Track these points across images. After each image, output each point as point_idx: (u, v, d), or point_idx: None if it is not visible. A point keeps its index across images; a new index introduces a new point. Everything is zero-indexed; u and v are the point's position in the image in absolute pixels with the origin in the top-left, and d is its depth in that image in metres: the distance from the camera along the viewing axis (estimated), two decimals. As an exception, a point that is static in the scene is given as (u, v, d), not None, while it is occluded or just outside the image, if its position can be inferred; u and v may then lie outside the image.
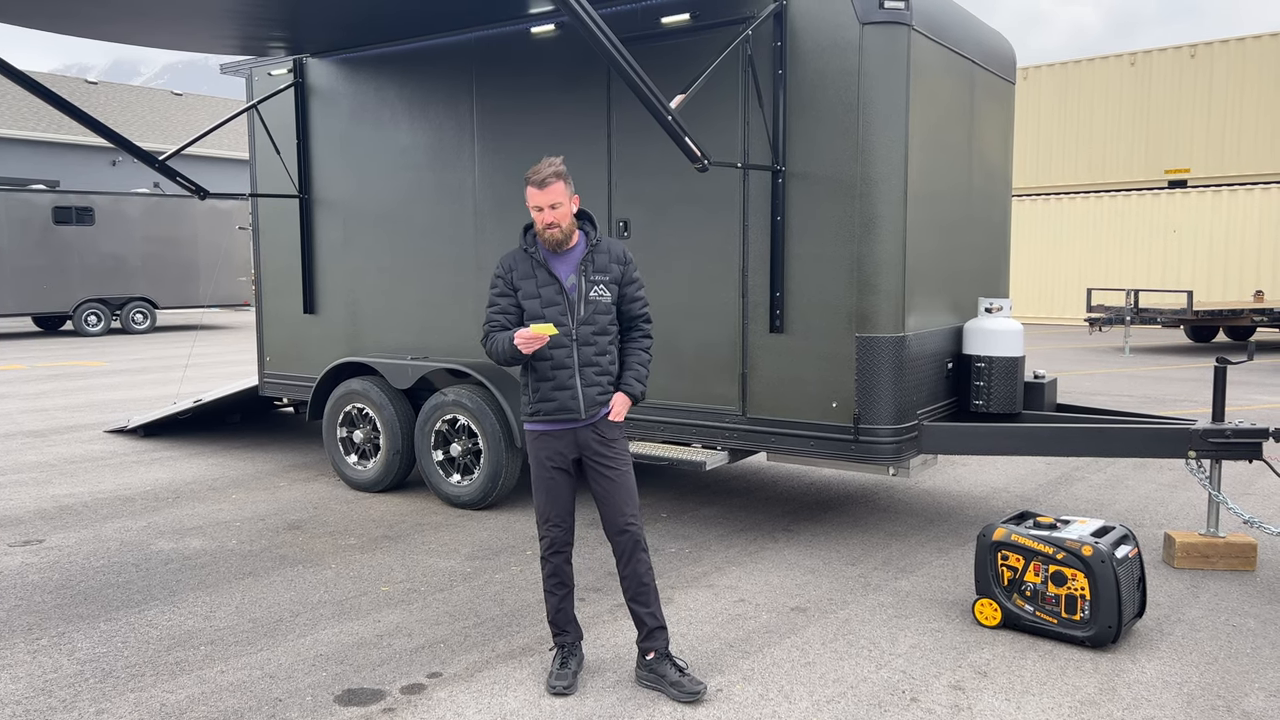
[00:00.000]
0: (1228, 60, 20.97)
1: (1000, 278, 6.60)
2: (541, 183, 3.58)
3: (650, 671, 3.69)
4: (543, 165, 3.61)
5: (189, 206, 22.13)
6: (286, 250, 7.55)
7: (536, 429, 3.74)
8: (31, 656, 4.03)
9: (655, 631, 3.70)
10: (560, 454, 3.71)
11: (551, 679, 3.69)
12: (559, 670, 3.73)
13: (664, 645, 3.70)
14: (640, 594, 3.70)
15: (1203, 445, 5.00)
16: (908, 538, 5.67)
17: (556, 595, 3.79)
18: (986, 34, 6.13)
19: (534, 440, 3.75)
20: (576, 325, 3.63)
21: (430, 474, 6.43)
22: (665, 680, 3.64)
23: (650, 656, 3.70)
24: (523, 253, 3.72)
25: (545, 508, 3.75)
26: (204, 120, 34.78)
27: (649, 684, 3.69)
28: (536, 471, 3.76)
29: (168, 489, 6.91)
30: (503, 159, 6.31)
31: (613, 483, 3.71)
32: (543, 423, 3.71)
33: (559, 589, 3.79)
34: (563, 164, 3.63)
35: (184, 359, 15.38)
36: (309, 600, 4.66)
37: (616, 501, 3.71)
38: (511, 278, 3.70)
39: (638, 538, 3.69)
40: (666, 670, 3.66)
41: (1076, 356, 15.68)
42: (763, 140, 5.26)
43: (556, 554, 3.77)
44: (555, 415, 3.67)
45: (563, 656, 3.78)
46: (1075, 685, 3.73)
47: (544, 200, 3.59)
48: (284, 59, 7.31)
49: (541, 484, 3.75)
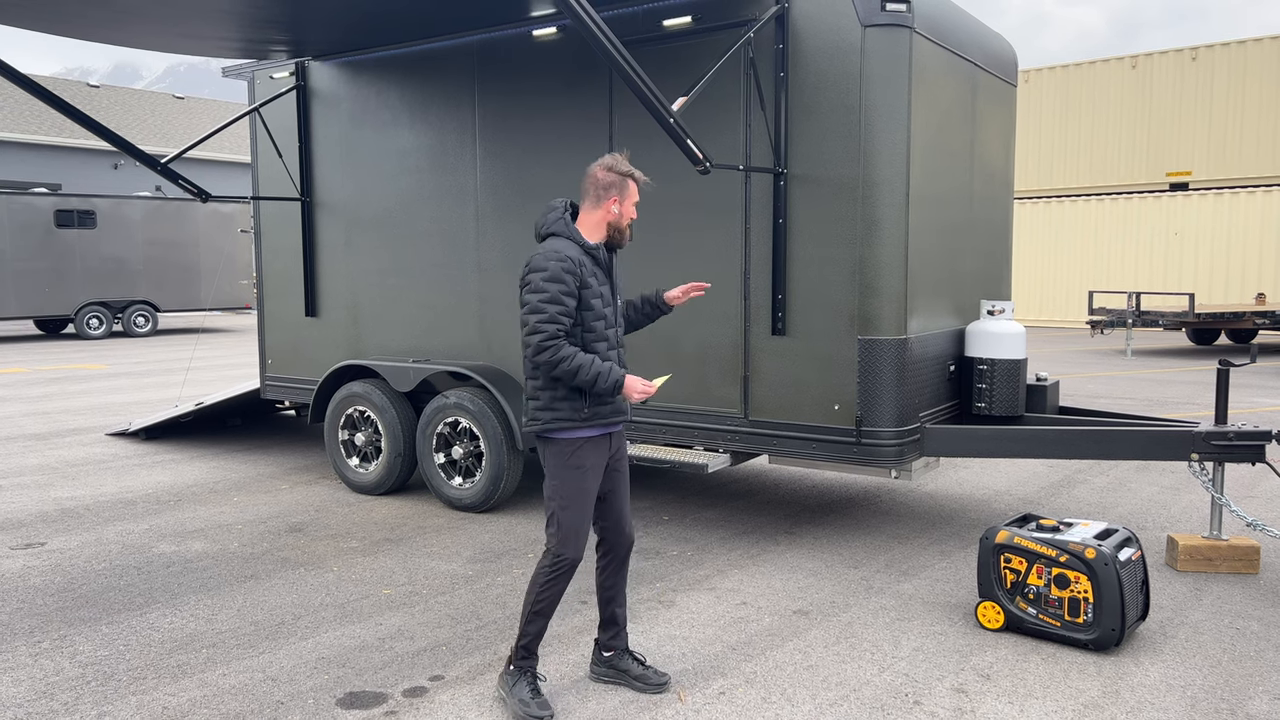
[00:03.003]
0: (1229, 63, 20.96)
1: (1002, 280, 6.60)
2: (641, 184, 3.53)
3: (610, 668, 3.74)
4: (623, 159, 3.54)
5: (191, 210, 22.17)
6: (288, 253, 7.56)
7: (590, 434, 3.48)
8: (33, 659, 4.02)
9: (624, 630, 3.76)
10: (605, 458, 3.54)
11: (531, 707, 3.42)
12: (536, 697, 3.47)
13: (626, 642, 3.78)
14: (621, 596, 3.73)
15: (1205, 448, 4.99)
16: (910, 540, 5.66)
17: (546, 619, 3.52)
18: (988, 36, 6.13)
19: (583, 447, 3.46)
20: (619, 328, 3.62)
21: (432, 477, 6.43)
22: (628, 675, 3.70)
23: (610, 654, 3.74)
24: (578, 247, 3.46)
25: (580, 523, 3.46)
26: (206, 123, 34.84)
27: (609, 679, 3.74)
28: (581, 483, 3.46)
29: (169, 492, 6.91)
30: (504, 162, 6.31)
31: (623, 480, 3.68)
32: (598, 427, 3.48)
33: (551, 613, 3.52)
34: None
35: (185, 362, 15.39)
36: (311, 603, 4.66)
37: (625, 500, 3.68)
38: (582, 274, 3.41)
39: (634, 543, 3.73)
40: (629, 665, 3.72)
41: (1078, 359, 15.67)
42: (764, 143, 5.26)
43: (569, 573, 3.50)
44: (612, 418, 3.50)
45: (531, 682, 3.51)
46: (1079, 688, 3.72)
47: (637, 198, 3.54)
48: (286, 62, 7.32)
49: (584, 496, 3.46)
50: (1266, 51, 20.56)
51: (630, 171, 3.55)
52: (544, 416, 3.46)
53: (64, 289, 20.47)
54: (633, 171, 3.56)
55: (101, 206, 20.96)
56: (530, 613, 3.50)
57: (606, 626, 3.74)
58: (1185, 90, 21.54)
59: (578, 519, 3.46)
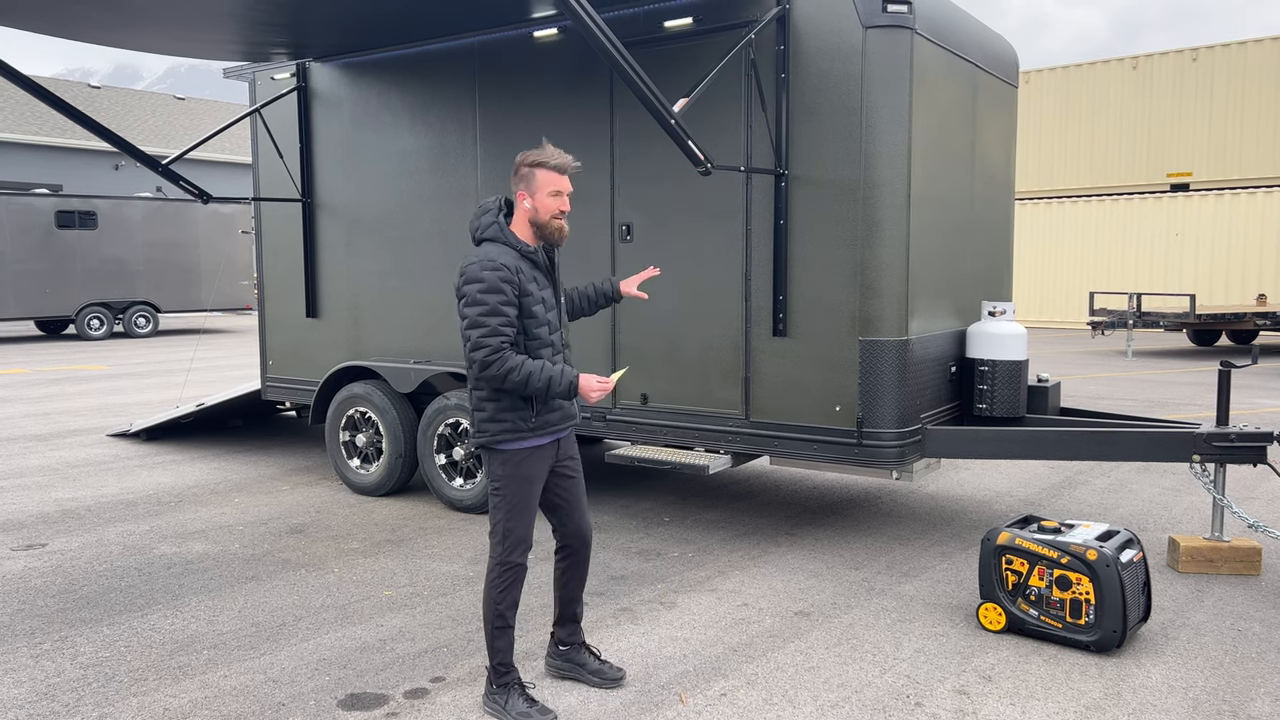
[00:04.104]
0: (1229, 64, 20.97)
1: (1003, 281, 6.60)
2: (565, 169, 3.31)
3: (567, 661, 3.75)
4: (552, 149, 3.33)
5: (191, 211, 22.19)
6: (289, 254, 7.56)
7: (534, 444, 3.40)
8: (34, 660, 4.02)
9: (580, 627, 3.77)
10: (549, 464, 3.49)
11: (535, 716, 3.37)
12: (532, 705, 3.41)
13: (582, 636, 3.79)
14: (580, 592, 3.73)
15: (1207, 449, 4.99)
16: (911, 542, 5.66)
17: (511, 628, 3.44)
18: (989, 37, 6.14)
19: (527, 458, 3.39)
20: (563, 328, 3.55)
21: (433, 478, 6.43)
22: (584, 669, 3.72)
23: (566, 648, 3.75)
24: (516, 253, 3.32)
25: (525, 530, 3.41)
26: (206, 125, 34.86)
27: (565, 673, 3.75)
28: (522, 491, 3.39)
29: (170, 493, 6.91)
30: (505, 163, 6.31)
31: (577, 484, 3.64)
32: (544, 435, 3.43)
33: (513, 619, 3.44)
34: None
35: (186, 363, 15.39)
36: (312, 604, 4.66)
37: (582, 504, 3.65)
38: (520, 280, 3.26)
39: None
40: (585, 659, 3.74)
41: (1079, 360, 15.67)
42: (766, 144, 5.26)
43: (519, 577, 3.43)
44: (561, 424, 3.46)
45: (523, 694, 3.45)
46: (1080, 690, 3.72)
47: (565, 187, 3.33)
48: (287, 63, 7.32)
49: (525, 505, 3.40)
50: (1267, 52, 20.56)
51: (539, 160, 3.29)
52: (491, 429, 3.35)
53: (65, 290, 20.49)
54: (543, 159, 3.29)
55: (102, 207, 20.98)
56: (493, 628, 3.42)
57: (565, 624, 3.76)
58: (1186, 91, 21.54)
59: (523, 526, 3.41)
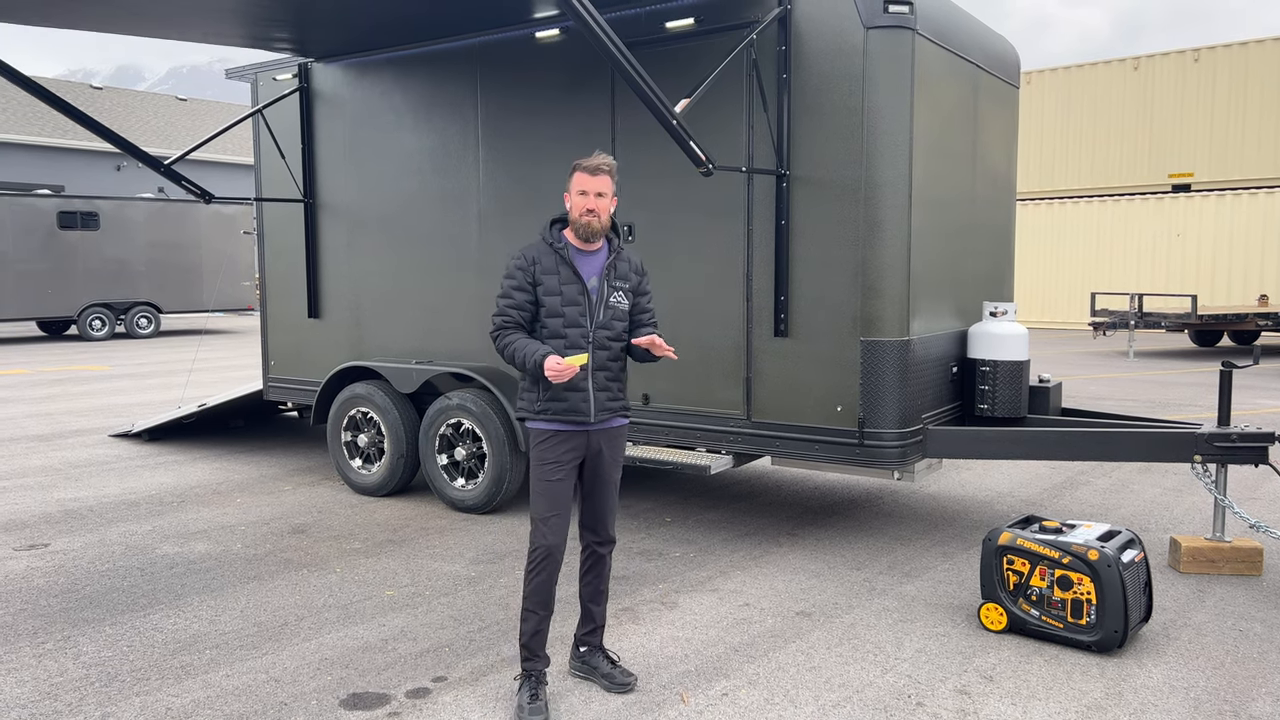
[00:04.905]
0: (1231, 64, 20.95)
1: (1004, 282, 6.60)
2: (594, 169, 3.52)
3: (584, 663, 3.83)
4: (596, 154, 3.58)
5: (193, 211, 22.21)
6: (291, 255, 7.57)
7: (547, 428, 3.57)
8: (37, 660, 4.03)
9: (600, 629, 3.84)
10: (571, 455, 3.59)
11: (524, 713, 3.43)
12: (530, 703, 3.46)
13: (600, 640, 3.85)
14: (601, 596, 3.82)
15: (1208, 449, 4.98)
16: (912, 542, 5.66)
17: (537, 615, 3.56)
18: (990, 38, 6.14)
19: (543, 440, 3.57)
20: (594, 329, 3.58)
21: (434, 478, 6.44)
22: (598, 672, 3.78)
23: (584, 649, 3.83)
24: (547, 247, 3.60)
25: (545, 511, 3.54)
26: (208, 125, 34.88)
27: (581, 675, 3.83)
28: (540, 473, 3.57)
29: (172, 493, 6.92)
30: (506, 164, 6.32)
31: (610, 488, 3.72)
32: (552, 421, 3.57)
33: (541, 608, 3.56)
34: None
35: (188, 363, 15.40)
36: (314, 604, 4.66)
37: (608, 507, 3.73)
38: (535, 271, 3.56)
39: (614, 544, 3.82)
40: (599, 663, 3.81)
41: (1081, 361, 15.66)
42: (767, 144, 5.26)
43: (549, 563, 3.54)
44: (564, 416, 3.55)
45: (533, 687, 3.53)
46: (1081, 690, 3.72)
47: (592, 186, 3.52)
48: (289, 64, 7.33)
49: (545, 487, 3.55)
50: (1268, 53, 20.54)
51: (575, 163, 3.60)
52: (519, 403, 3.68)
53: (66, 290, 20.50)
54: (577, 161, 3.59)
55: (104, 208, 21.00)
56: (522, 609, 3.60)
57: (583, 622, 3.85)
58: (1187, 92, 21.52)
59: (544, 509, 3.56)
